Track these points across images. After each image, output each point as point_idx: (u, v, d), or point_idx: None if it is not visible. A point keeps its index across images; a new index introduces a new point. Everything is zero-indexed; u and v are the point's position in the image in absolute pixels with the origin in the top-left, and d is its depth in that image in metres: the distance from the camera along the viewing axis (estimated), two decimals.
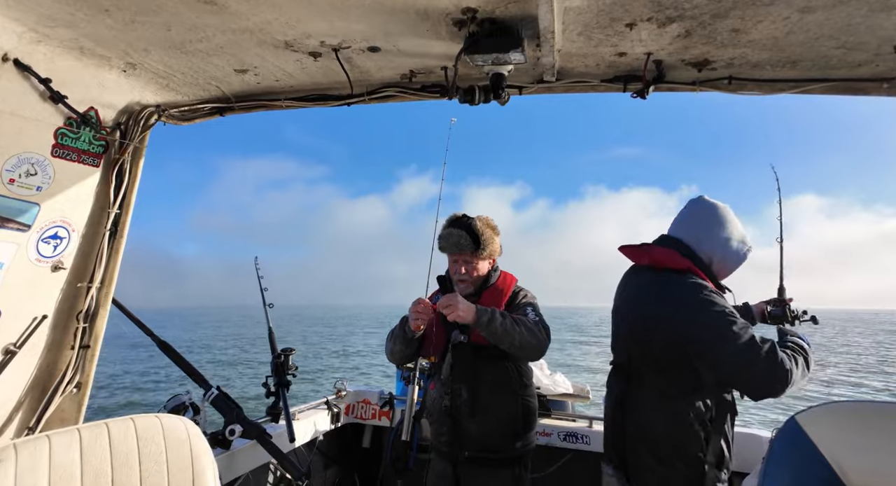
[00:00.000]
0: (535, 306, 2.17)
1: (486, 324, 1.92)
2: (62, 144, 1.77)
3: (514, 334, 1.93)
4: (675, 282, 1.68)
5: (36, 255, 1.77)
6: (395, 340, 2.21)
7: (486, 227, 2.16)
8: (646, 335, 1.71)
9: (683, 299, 1.63)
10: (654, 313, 1.68)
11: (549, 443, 2.92)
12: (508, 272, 2.32)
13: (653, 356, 1.70)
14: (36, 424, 1.81)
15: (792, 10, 1.27)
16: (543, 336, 2.03)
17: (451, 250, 2.17)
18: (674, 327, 1.62)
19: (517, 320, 1.97)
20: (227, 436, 2.31)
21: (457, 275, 2.19)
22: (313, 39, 1.55)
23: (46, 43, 1.56)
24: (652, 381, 1.71)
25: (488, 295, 2.19)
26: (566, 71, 1.75)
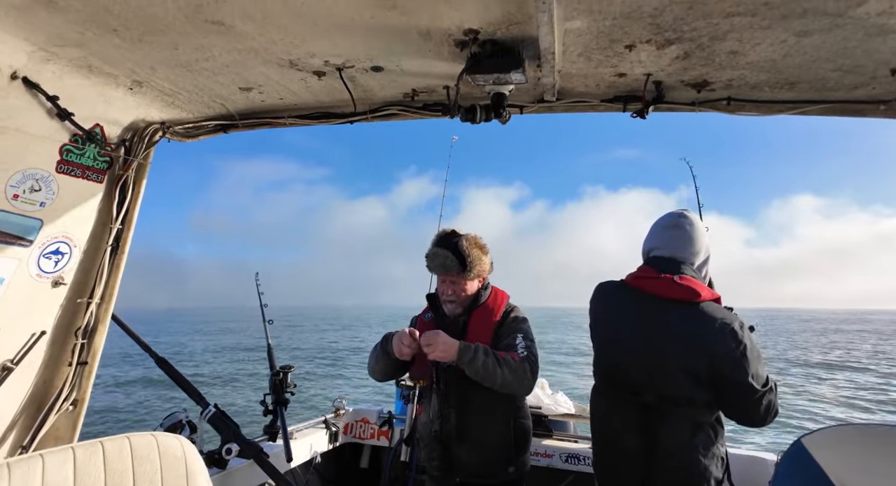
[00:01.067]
0: (526, 331, 2.11)
1: (467, 363, 1.89)
2: (67, 161, 1.79)
3: (495, 376, 1.89)
4: (726, 317, 1.69)
5: (37, 270, 1.77)
6: (378, 358, 2.15)
7: (474, 247, 2.09)
8: (688, 371, 1.66)
9: (742, 340, 1.65)
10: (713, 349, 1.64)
11: (551, 465, 2.87)
12: (500, 289, 2.27)
13: (686, 390, 1.67)
14: (30, 442, 1.79)
15: (789, 33, 1.30)
16: (529, 376, 1.95)
17: (438, 271, 2.12)
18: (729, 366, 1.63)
19: (501, 361, 1.90)
20: (223, 455, 2.28)
21: (444, 295, 2.14)
22: (317, 59, 1.58)
23: (55, 61, 1.59)
24: (683, 413, 1.69)
25: (478, 315, 2.14)
26: (566, 91, 1.77)
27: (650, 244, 1.94)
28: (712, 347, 1.64)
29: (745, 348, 1.63)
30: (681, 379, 1.67)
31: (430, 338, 1.89)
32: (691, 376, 1.66)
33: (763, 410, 1.65)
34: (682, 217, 1.89)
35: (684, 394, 1.67)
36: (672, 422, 1.69)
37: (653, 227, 1.97)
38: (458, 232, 2.16)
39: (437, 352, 1.88)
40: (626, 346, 1.81)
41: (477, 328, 2.11)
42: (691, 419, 1.68)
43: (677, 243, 1.85)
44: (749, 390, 1.62)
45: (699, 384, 1.66)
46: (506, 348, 2.02)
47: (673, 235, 1.87)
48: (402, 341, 1.97)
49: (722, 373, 1.63)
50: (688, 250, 1.83)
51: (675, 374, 1.68)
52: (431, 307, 2.28)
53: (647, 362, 1.73)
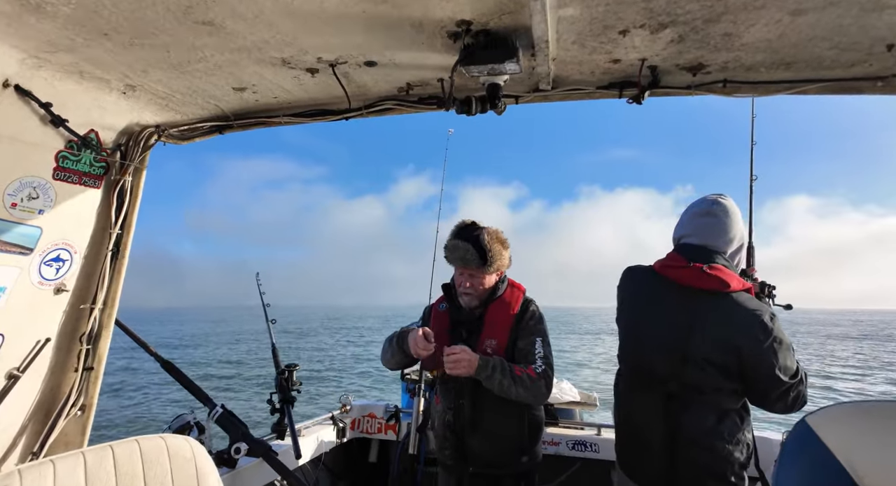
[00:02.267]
0: (544, 333, 2.10)
1: (484, 379, 1.93)
2: (63, 167, 1.78)
3: (510, 393, 1.93)
4: (756, 308, 1.67)
5: (38, 278, 1.77)
6: (394, 352, 2.18)
7: (495, 241, 2.08)
8: (716, 361, 1.65)
9: (772, 331, 1.63)
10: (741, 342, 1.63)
11: (558, 452, 2.89)
12: (517, 282, 2.26)
13: (712, 379, 1.66)
14: (40, 448, 1.80)
15: (783, 12, 1.28)
16: (543, 391, 1.97)
17: (457, 264, 2.11)
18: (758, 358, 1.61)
19: (516, 380, 1.93)
20: (232, 455, 2.29)
21: (461, 287, 2.14)
22: (310, 56, 1.57)
23: (47, 68, 1.58)
24: (708, 400, 1.68)
25: (495, 309, 2.13)
26: (562, 79, 1.76)
27: (681, 231, 1.89)
28: (741, 339, 1.62)
29: (774, 340, 1.61)
30: (707, 370, 1.65)
31: (453, 356, 1.92)
32: (718, 368, 1.64)
33: (791, 400, 1.64)
34: (715, 204, 1.83)
35: (710, 384, 1.66)
36: (696, 410, 1.67)
37: (685, 212, 1.91)
38: (478, 224, 2.14)
39: (461, 369, 1.92)
40: (651, 334, 1.79)
41: (494, 323, 2.11)
42: (717, 407, 1.67)
43: (709, 232, 1.80)
44: (777, 383, 1.61)
45: (726, 376, 1.64)
46: (523, 355, 2.03)
47: (705, 223, 1.82)
48: (419, 345, 2.00)
49: (750, 365, 1.61)
50: (721, 238, 1.78)
51: (702, 365, 1.65)
52: (447, 297, 2.27)
53: (672, 352, 1.71)
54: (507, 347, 2.06)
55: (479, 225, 2.14)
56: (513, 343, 2.07)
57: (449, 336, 2.16)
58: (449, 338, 2.15)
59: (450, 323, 2.20)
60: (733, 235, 1.80)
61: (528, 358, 2.01)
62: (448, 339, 2.15)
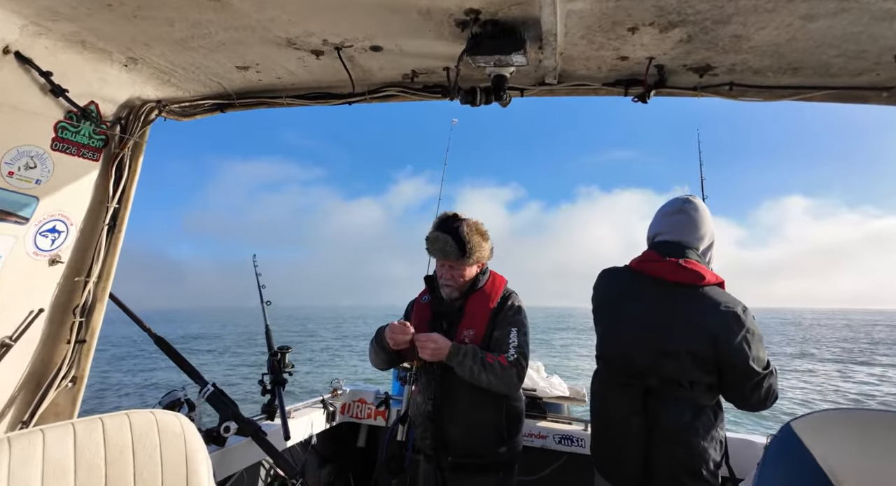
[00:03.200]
0: (521, 323, 2.11)
1: (455, 365, 1.97)
2: (62, 138, 1.77)
3: (480, 380, 1.95)
4: (729, 301, 1.72)
5: (34, 248, 1.76)
6: (376, 351, 2.21)
7: (475, 233, 2.08)
8: (692, 353, 1.69)
9: (745, 323, 1.68)
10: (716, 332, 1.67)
11: (545, 446, 2.92)
12: (498, 274, 2.27)
13: (688, 372, 1.70)
14: (30, 418, 1.81)
15: (794, 17, 1.28)
16: (515, 380, 1.99)
17: (437, 256, 2.13)
18: (732, 349, 1.65)
19: (487, 367, 1.94)
20: (221, 433, 2.31)
21: (442, 279, 2.15)
22: (316, 38, 1.55)
23: (48, 36, 1.56)
24: (685, 395, 1.71)
25: (475, 300, 2.15)
26: (568, 74, 1.75)
27: (655, 229, 1.96)
28: (716, 330, 1.67)
29: (747, 332, 1.66)
30: (684, 362, 1.69)
31: (423, 341, 1.97)
32: (695, 358, 1.69)
33: (763, 393, 1.69)
34: (686, 202, 1.91)
35: (687, 377, 1.70)
36: (673, 405, 1.71)
37: (658, 212, 1.98)
38: (459, 216, 2.15)
39: (428, 353, 1.96)
40: (629, 329, 1.83)
41: (473, 313, 2.12)
42: (693, 402, 1.71)
43: (681, 228, 1.87)
44: (750, 373, 1.66)
45: (702, 367, 1.69)
46: (498, 344, 2.05)
47: (677, 220, 1.89)
48: (396, 332, 2.03)
49: (724, 355, 1.66)
50: (692, 235, 1.86)
51: (679, 356, 1.70)
52: (429, 289, 2.29)
53: (650, 345, 1.75)
54: (485, 336, 2.09)
55: (460, 217, 2.14)
56: (490, 333, 2.09)
57: (430, 327, 2.17)
58: (429, 329, 2.16)
59: (431, 314, 2.22)
60: (704, 231, 1.87)
61: (502, 347, 2.03)
62: (428, 329, 2.16)
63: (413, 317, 2.29)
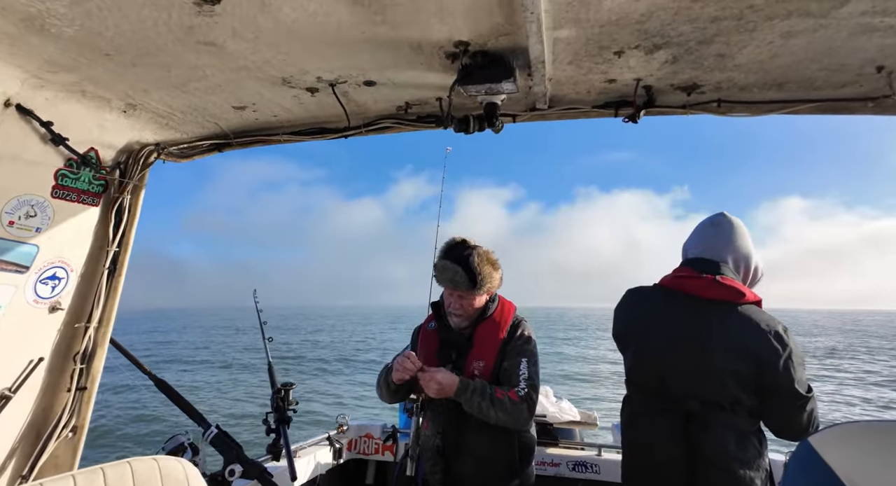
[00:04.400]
0: (531, 353, 2.06)
1: (463, 401, 1.91)
2: (62, 185, 1.79)
3: (489, 417, 1.90)
4: (770, 320, 1.65)
5: (34, 296, 1.75)
6: (382, 387, 2.17)
7: (485, 263, 2.03)
8: (733, 373, 1.61)
9: (788, 343, 1.61)
10: (759, 352, 1.60)
11: (558, 474, 2.84)
12: (507, 300, 2.22)
13: (730, 394, 1.62)
14: (30, 471, 1.76)
15: (775, 35, 1.31)
16: (525, 415, 1.92)
17: (446, 285, 2.08)
18: (776, 370, 1.58)
19: (496, 403, 1.89)
20: (226, 477, 2.24)
21: (450, 308, 2.10)
22: (310, 75, 1.59)
23: (48, 87, 1.60)
24: (727, 420, 1.63)
25: (484, 329, 2.10)
26: (558, 98, 1.78)
27: (689, 245, 1.90)
28: (757, 350, 1.59)
29: (790, 353, 1.59)
30: (725, 381, 1.61)
31: (427, 379, 1.92)
32: (736, 378, 1.60)
33: (806, 417, 1.61)
34: (721, 216, 1.87)
35: (729, 398, 1.61)
36: (714, 430, 1.62)
37: (694, 229, 1.94)
38: (468, 243, 2.11)
39: (434, 391, 1.91)
40: (665, 349, 1.73)
41: (483, 343, 2.07)
42: (735, 428, 1.62)
43: (714, 242, 1.81)
44: (794, 396, 1.58)
45: (745, 389, 1.60)
46: (507, 375, 2.00)
47: (710, 234, 1.84)
48: (404, 366, 1.98)
49: (768, 377, 1.59)
50: (725, 249, 1.79)
51: (720, 376, 1.61)
52: (435, 316, 2.24)
53: (689, 366, 1.66)
54: (495, 367, 2.03)
55: (470, 244, 2.10)
56: (500, 364, 2.03)
57: (437, 357, 2.12)
58: (437, 359, 2.12)
59: (439, 343, 2.17)
60: (738, 246, 1.80)
61: (512, 380, 1.97)
62: (436, 360, 2.11)
63: (420, 346, 2.25)
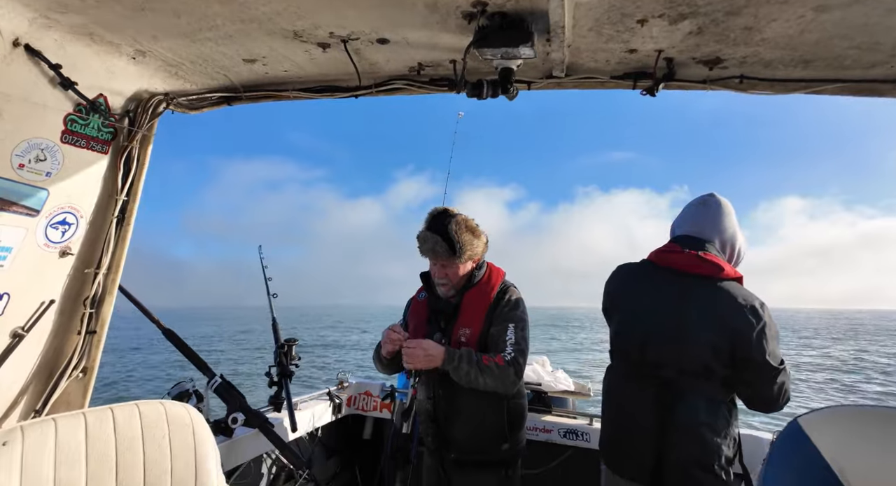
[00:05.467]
0: (519, 318, 2.07)
1: (451, 371, 1.95)
2: (72, 131, 1.78)
3: (477, 384, 1.94)
4: (748, 295, 1.73)
5: (44, 240, 1.78)
6: (376, 361, 2.26)
7: (464, 230, 2.03)
8: (710, 344, 1.69)
9: (763, 317, 1.69)
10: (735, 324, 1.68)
11: (550, 440, 2.93)
12: (496, 266, 2.23)
13: (705, 363, 1.70)
14: (42, 407, 1.84)
15: (807, 8, 1.26)
16: (513, 378, 1.95)
17: (428, 256, 2.10)
18: (749, 342, 1.66)
19: (483, 369, 1.92)
20: (229, 424, 2.34)
21: (436, 277, 2.13)
22: (322, 30, 1.55)
23: (57, 28, 1.57)
24: (701, 388, 1.72)
25: (471, 296, 2.12)
26: (576, 67, 1.73)
27: (678, 223, 1.98)
28: (734, 322, 1.68)
29: (764, 326, 1.67)
30: (702, 352, 1.70)
31: (411, 348, 1.96)
32: (712, 349, 1.69)
33: (777, 389, 1.69)
34: (710, 196, 1.93)
35: (704, 368, 1.70)
36: (688, 399, 1.71)
37: (683, 208, 2.01)
38: (449, 212, 2.11)
39: (421, 362, 1.95)
40: (647, 319, 1.83)
41: (469, 311, 2.10)
42: (708, 397, 1.72)
43: (700, 220, 1.89)
44: (765, 367, 1.66)
45: (719, 359, 1.69)
46: (495, 341, 2.03)
47: (697, 212, 1.91)
48: (390, 337, 2.04)
49: (741, 348, 1.67)
50: (712, 227, 1.87)
51: (697, 347, 1.70)
52: (425, 286, 2.27)
53: (668, 336, 1.76)
54: (482, 334, 2.05)
55: (450, 213, 2.10)
56: (487, 330, 2.06)
57: (427, 326, 2.16)
58: (427, 328, 2.16)
59: (428, 312, 2.20)
60: (724, 226, 1.88)
61: (499, 345, 2.00)
62: (426, 328, 2.16)
63: (410, 316, 2.29)
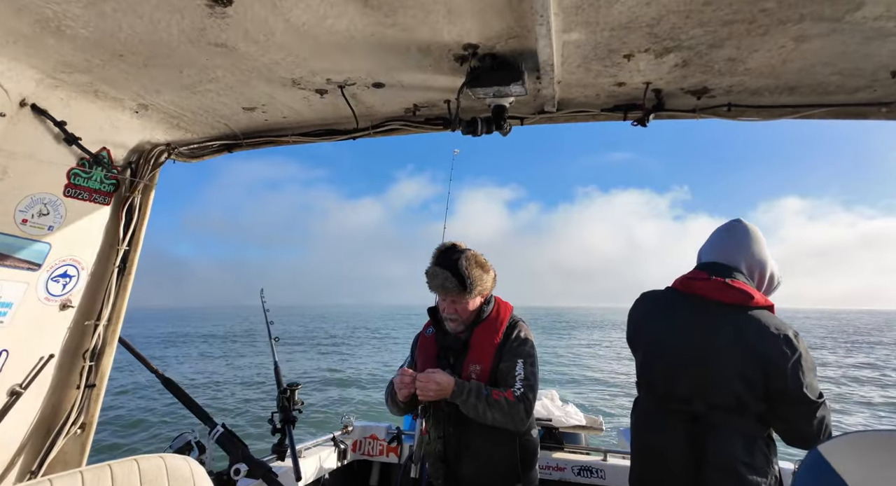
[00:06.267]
0: (528, 354, 2.05)
1: (460, 403, 1.93)
2: (75, 184, 1.81)
3: (486, 418, 1.91)
4: (780, 324, 1.64)
5: (45, 294, 1.78)
6: (390, 405, 2.19)
7: (474, 266, 2.04)
8: (740, 376, 1.60)
9: (798, 348, 1.60)
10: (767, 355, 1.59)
11: (563, 478, 2.82)
12: (503, 301, 2.22)
13: (737, 397, 1.60)
14: (38, 467, 1.78)
15: (787, 38, 1.30)
16: (522, 415, 1.92)
17: (437, 292, 2.09)
18: (784, 374, 1.57)
19: (492, 404, 1.89)
20: (232, 476, 2.26)
21: (445, 313, 2.11)
22: (319, 77, 1.60)
23: (63, 88, 1.62)
24: (734, 423, 1.61)
25: (480, 332, 2.10)
26: (567, 101, 1.78)
27: (704, 250, 1.91)
28: (766, 353, 1.58)
29: (800, 357, 1.57)
30: (733, 385, 1.60)
31: (424, 382, 1.93)
32: (744, 381, 1.59)
33: (816, 424, 1.58)
34: (737, 222, 1.87)
35: (735, 402, 1.60)
36: (722, 434, 1.61)
37: (710, 235, 1.94)
38: (458, 247, 2.12)
39: (431, 394, 1.92)
40: (674, 351, 1.74)
41: (478, 347, 2.07)
42: (742, 432, 1.61)
43: (726, 247, 1.82)
44: (803, 401, 1.56)
45: (752, 392, 1.59)
46: (505, 377, 2.00)
47: (724, 238, 1.85)
48: (403, 382, 2.00)
49: (776, 381, 1.57)
50: (738, 254, 1.79)
51: (727, 379, 1.61)
52: (433, 322, 2.25)
53: (697, 367, 1.66)
54: (492, 370, 2.02)
55: (460, 248, 2.11)
56: (497, 366, 2.03)
57: (435, 362, 2.13)
58: (436, 364, 2.12)
59: (437, 349, 2.17)
60: (752, 252, 1.80)
61: (508, 381, 1.97)
62: (435, 364, 2.12)
63: (418, 352, 2.25)
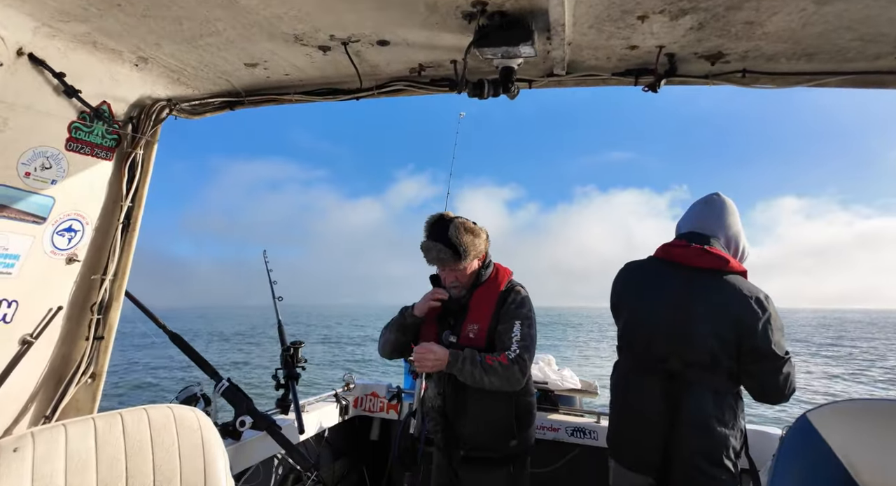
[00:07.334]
0: (525, 315, 2.10)
1: (456, 372, 1.99)
2: (76, 138, 1.79)
3: (482, 383, 1.97)
4: (752, 287, 1.77)
5: (51, 247, 1.80)
6: (391, 328, 2.26)
7: (463, 233, 2.08)
8: (715, 335, 1.73)
9: (768, 308, 1.73)
10: (740, 315, 1.72)
11: (557, 438, 2.93)
12: (502, 266, 2.29)
13: (711, 355, 1.73)
14: (52, 413, 1.85)
15: (808, 1, 1.25)
16: (518, 376, 1.98)
17: (435, 264, 2.16)
18: (755, 332, 1.69)
19: (487, 369, 1.96)
20: (237, 427, 2.35)
21: (447, 283, 2.20)
22: (323, 33, 1.55)
23: (60, 37, 1.58)
24: (707, 380, 1.74)
25: (479, 295, 2.17)
26: (577, 64, 1.73)
27: (683, 221, 2.04)
28: (738, 313, 1.71)
29: (769, 317, 1.71)
30: (707, 343, 1.73)
31: (421, 353, 2.00)
32: (717, 340, 1.72)
33: (782, 380, 1.72)
34: (715, 195, 2.00)
35: (709, 359, 1.73)
36: (696, 391, 1.74)
37: (689, 207, 2.07)
38: (445, 217, 2.16)
39: (428, 365, 2.00)
40: (653, 313, 1.87)
41: (477, 308, 2.15)
42: (714, 389, 1.74)
43: (705, 217, 1.95)
44: (771, 357, 1.69)
45: (725, 351, 1.72)
46: (501, 338, 2.06)
47: (702, 210, 1.98)
48: (435, 296, 2.14)
49: (747, 338, 1.70)
50: (715, 224, 1.92)
51: (702, 338, 1.74)
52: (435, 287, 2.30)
53: (674, 328, 1.79)
54: (489, 331, 2.10)
55: (447, 218, 2.15)
56: (494, 327, 2.10)
57: (438, 324, 2.21)
58: (438, 326, 2.20)
59: (439, 311, 2.24)
60: (728, 224, 1.93)
61: (505, 342, 2.04)
62: (437, 327, 2.20)
63: None
